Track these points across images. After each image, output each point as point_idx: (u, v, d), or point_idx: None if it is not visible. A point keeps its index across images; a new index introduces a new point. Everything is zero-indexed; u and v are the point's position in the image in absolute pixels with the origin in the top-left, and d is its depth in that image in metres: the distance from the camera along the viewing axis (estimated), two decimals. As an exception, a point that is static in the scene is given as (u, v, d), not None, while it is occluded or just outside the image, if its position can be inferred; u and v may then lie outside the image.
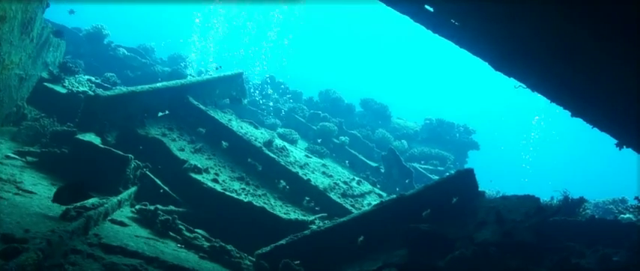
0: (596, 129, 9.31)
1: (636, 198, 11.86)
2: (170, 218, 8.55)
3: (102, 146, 9.59)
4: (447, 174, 10.66)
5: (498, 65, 8.79)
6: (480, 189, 10.54)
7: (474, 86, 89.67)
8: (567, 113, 9.12)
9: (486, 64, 8.90)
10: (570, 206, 11.22)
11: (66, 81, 13.20)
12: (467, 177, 10.12)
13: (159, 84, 12.44)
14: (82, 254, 6.34)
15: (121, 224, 7.98)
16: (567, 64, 7.41)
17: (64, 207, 7.40)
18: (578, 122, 9.17)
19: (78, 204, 7.60)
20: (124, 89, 11.48)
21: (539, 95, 9.11)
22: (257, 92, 23.07)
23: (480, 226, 8.89)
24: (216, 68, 23.00)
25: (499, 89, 73.52)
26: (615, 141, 9.34)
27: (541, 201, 9.53)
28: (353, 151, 18.74)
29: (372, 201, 12.95)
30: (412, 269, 7.94)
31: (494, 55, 8.56)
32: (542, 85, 8.86)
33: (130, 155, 9.55)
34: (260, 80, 25.86)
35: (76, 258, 6.18)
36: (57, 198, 7.36)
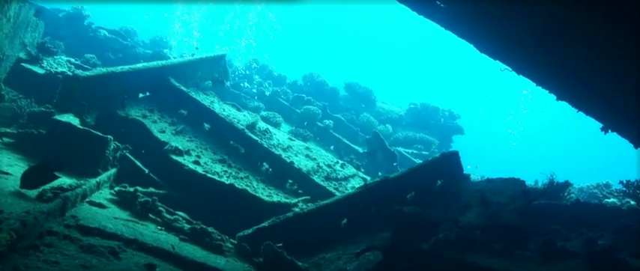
0: (581, 112, 9.27)
1: (621, 182, 11.87)
2: (150, 200, 8.38)
3: (80, 127, 9.40)
4: (432, 157, 10.55)
5: (483, 47, 8.71)
6: (465, 172, 10.48)
7: (459, 70, 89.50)
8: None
9: (471, 46, 8.84)
10: (555, 189, 11.20)
11: (44, 62, 12.93)
12: (452, 160, 10.05)
13: (139, 65, 12.21)
14: (59, 235, 6.20)
15: (100, 206, 7.81)
16: (552, 46, 7.35)
17: (40, 188, 7.23)
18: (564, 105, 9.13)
19: (55, 185, 7.44)
20: (104, 70, 11.25)
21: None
22: (240, 75, 22.87)
23: (465, 209, 8.84)
24: (196, 48, 22.72)
25: (485, 73, 73.41)
26: (600, 125, 9.31)
27: (526, 184, 9.47)
28: (337, 135, 18.61)
29: (356, 184, 12.84)
30: (396, 251, 7.79)
31: (479, 37, 8.48)
32: (527, 68, 8.79)
33: (109, 136, 9.38)
34: (243, 63, 25.64)
35: (52, 240, 6.04)
36: (24, 182, 7.15)
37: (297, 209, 9.32)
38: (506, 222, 8.07)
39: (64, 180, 8.05)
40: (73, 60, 14.37)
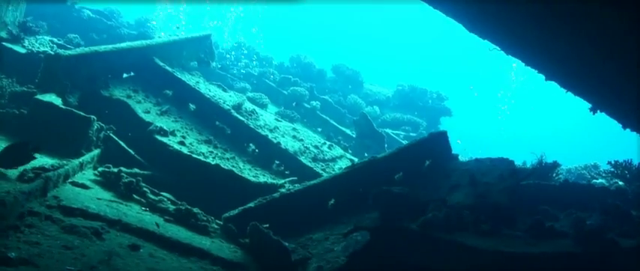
0: (570, 93, 9.20)
1: (609, 162, 11.85)
2: (134, 180, 8.27)
3: (63, 107, 9.22)
4: (420, 137, 10.48)
5: (472, 27, 8.60)
6: (454, 153, 10.40)
7: (447, 51, 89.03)
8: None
9: (460, 26, 8.73)
10: (544, 170, 11.15)
11: (26, 41, 12.68)
12: (440, 140, 9.97)
13: (123, 45, 12.02)
14: (40, 216, 6.09)
15: (83, 186, 7.68)
16: (541, 24, 7.24)
17: (21, 169, 7.08)
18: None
19: (37, 166, 7.31)
20: (87, 49, 11.07)
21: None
22: (226, 56, 22.63)
23: (453, 189, 8.78)
24: (177, 27, 22.48)
25: (474, 54, 73.14)
26: (589, 106, 9.24)
27: (515, 164, 9.41)
28: (324, 116, 18.47)
29: (344, 165, 12.71)
30: (384, 232, 7.73)
31: (468, 16, 8.36)
32: (516, 47, 8.70)
33: (92, 116, 9.20)
34: (230, 45, 25.38)
35: (33, 220, 5.93)
36: (1, 161, 6.98)
37: (283, 190, 9.23)
38: (495, 202, 8.02)
39: (46, 161, 7.94)
40: (56, 40, 14.10)
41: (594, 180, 13.02)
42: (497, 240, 7.04)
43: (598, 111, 9.29)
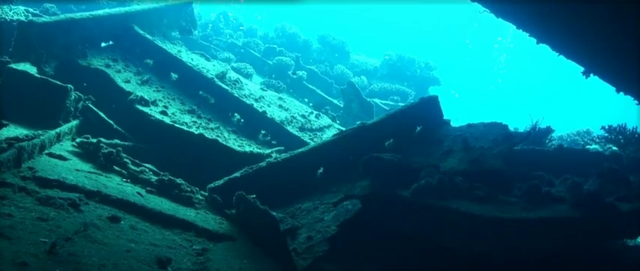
0: (562, 56, 8.96)
1: (603, 127, 11.65)
2: (114, 151, 7.95)
3: (38, 76, 8.85)
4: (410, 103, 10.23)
5: None
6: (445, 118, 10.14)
7: (433, 16, 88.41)
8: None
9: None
10: (537, 135, 10.97)
11: (-1, 10, 12.29)
12: (431, 105, 9.68)
13: (100, 12, 11.58)
14: (13, 187, 5.79)
15: (60, 157, 7.36)
16: None
17: (-8, 140, 6.76)
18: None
19: (11, 136, 6.97)
20: (62, 16, 10.64)
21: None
22: (210, 26, 22.31)
23: (446, 155, 8.51)
24: None
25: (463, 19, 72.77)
26: (582, 69, 9.00)
27: (508, 128, 9.17)
28: (311, 86, 18.20)
29: (332, 135, 12.46)
30: (375, 200, 7.54)
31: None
32: (507, 9, 8.43)
33: (69, 85, 8.84)
34: (213, 16, 25.04)
35: (6, 192, 5.63)
36: None
37: (270, 159, 8.94)
38: (489, 167, 7.78)
39: (21, 132, 7.59)
40: (31, 10, 13.67)
41: (588, 146, 12.83)
42: (492, 206, 6.83)
43: (591, 74, 9.05)
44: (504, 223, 6.44)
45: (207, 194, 8.01)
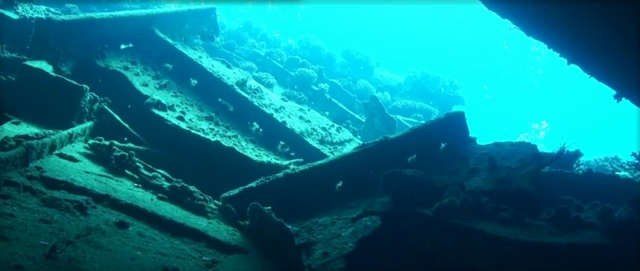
0: (593, 78, 8.67)
1: (633, 154, 11.29)
2: (127, 154, 7.71)
3: (54, 74, 8.63)
4: (435, 118, 10.00)
5: (491, 3, 8.09)
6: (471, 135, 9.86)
7: (462, 33, 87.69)
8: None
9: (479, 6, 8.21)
10: (566, 158, 10.61)
11: (20, 7, 12.11)
12: (457, 121, 9.43)
13: (121, 13, 11.42)
14: (18, 186, 5.56)
15: (71, 159, 7.13)
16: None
17: (1, 136, 6.52)
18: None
19: (21, 134, 6.75)
20: (82, 15, 10.49)
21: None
22: (232, 35, 22.24)
23: (472, 173, 8.27)
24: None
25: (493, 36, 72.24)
26: (614, 93, 8.69)
27: (537, 148, 8.87)
28: (333, 99, 17.97)
29: (352, 149, 12.23)
30: (396, 217, 7.27)
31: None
32: (539, 27, 8.18)
33: (85, 86, 8.63)
34: (237, 25, 25.00)
35: (10, 190, 5.40)
36: None
37: (288, 171, 8.68)
38: (517, 188, 7.52)
39: (32, 130, 7.39)
40: (53, 9, 13.56)
41: (617, 172, 12.45)
42: (518, 229, 6.57)
43: (623, 98, 8.74)
44: (531, 247, 6.18)
45: (220, 203, 7.74)
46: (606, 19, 6.47)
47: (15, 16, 11.79)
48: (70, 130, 7.74)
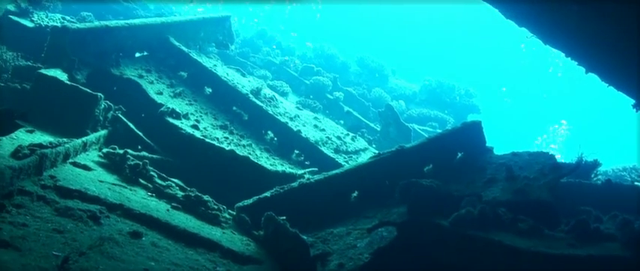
0: (611, 87, 8.55)
1: (653, 164, 11.16)
2: (141, 163, 7.66)
3: (68, 83, 8.62)
4: (452, 127, 9.91)
5: (510, 12, 8.00)
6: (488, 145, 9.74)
7: (479, 41, 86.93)
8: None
9: (497, 11, 8.06)
10: (584, 168, 10.47)
11: (35, 15, 12.14)
12: (474, 131, 9.34)
13: (137, 21, 11.42)
14: (32, 195, 5.51)
15: (85, 167, 7.07)
16: (584, 9, 6.63)
17: (15, 145, 6.49)
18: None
19: (35, 142, 6.73)
20: (97, 23, 10.50)
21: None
22: (247, 43, 22.24)
23: (489, 183, 8.20)
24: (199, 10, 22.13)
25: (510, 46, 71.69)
26: (632, 102, 8.56)
27: (555, 158, 8.75)
28: (348, 108, 17.92)
29: (367, 158, 12.11)
30: (412, 228, 7.19)
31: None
32: (556, 36, 8.08)
33: (99, 94, 8.61)
34: (251, 33, 25.02)
35: (23, 200, 5.35)
36: None
37: (303, 180, 8.61)
38: (535, 198, 7.48)
39: (46, 139, 7.36)
40: (68, 18, 13.58)
41: (636, 183, 12.28)
42: (537, 240, 6.52)
43: (644, 107, 8.61)
44: (550, 259, 6.12)
45: (234, 213, 7.67)
46: (625, 28, 6.38)
47: (30, 24, 11.82)
48: (84, 139, 7.71)
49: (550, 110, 75.00)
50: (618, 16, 6.21)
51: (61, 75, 8.76)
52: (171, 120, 9.55)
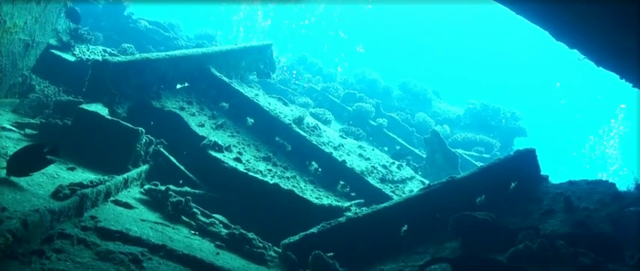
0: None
1: None
2: (183, 200, 7.49)
3: (109, 117, 8.53)
4: (505, 156, 9.50)
5: (560, 34, 7.67)
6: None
7: (528, 65, 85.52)
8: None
9: (546, 33, 7.79)
10: (645, 195, 9.96)
11: (77, 49, 12.12)
12: (528, 159, 8.93)
13: (177, 52, 11.40)
14: (72, 239, 5.32)
15: (126, 206, 6.96)
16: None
17: (56, 185, 6.32)
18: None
19: (76, 181, 6.60)
20: (137, 56, 10.48)
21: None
22: (288, 70, 22.20)
23: (546, 215, 7.77)
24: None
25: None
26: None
27: (616, 186, 8.29)
28: (392, 134, 17.68)
29: (415, 187, 11.76)
30: (467, 264, 6.85)
31: (556, 19, 7.40)
32: (611, 58, 7.72)
33: (141, 128, 8.51)
34: (292, 60, 25.00)
35: (64, 244, 5.16)
36: (10, 168, 6.10)
37: (350, 214, 8.34)
38: (598, 231, 7.04)
39: (88, 176, 7.24)
40: (109, 50, 13.60)
41: None
42: None
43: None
44: None
45: (280, 250, 7.44)
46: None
47: (72, 58, 11.81)
48: (125, 175, 7.61)
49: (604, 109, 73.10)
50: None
51: (101, 110, 8.69)
52: (213, 153, 9.42)
